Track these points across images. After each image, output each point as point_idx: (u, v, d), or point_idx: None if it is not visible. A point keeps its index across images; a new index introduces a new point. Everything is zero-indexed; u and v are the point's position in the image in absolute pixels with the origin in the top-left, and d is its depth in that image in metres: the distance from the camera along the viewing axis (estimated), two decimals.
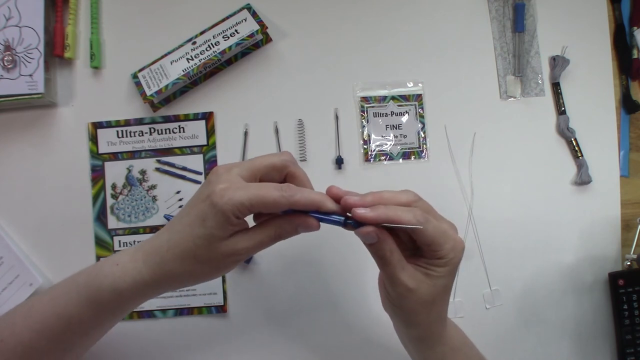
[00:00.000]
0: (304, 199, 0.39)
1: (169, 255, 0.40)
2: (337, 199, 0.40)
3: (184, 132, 0.65)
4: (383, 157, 0.65)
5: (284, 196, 0.38)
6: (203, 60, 0.63)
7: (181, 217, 0.41)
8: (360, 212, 0.38)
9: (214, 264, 0.40)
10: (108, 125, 0.65)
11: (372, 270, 0.43)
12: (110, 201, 0.65)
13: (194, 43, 0.64)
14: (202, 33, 0.64)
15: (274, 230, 0.40)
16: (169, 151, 0.65)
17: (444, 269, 0.41)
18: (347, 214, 0.40)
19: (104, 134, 0.65)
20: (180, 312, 0.64)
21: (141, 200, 0.65)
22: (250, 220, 0.42)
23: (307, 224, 0.40)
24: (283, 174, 0.42)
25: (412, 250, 0.43)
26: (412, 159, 0.65)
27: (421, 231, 0.39)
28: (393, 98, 0.66)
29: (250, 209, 0.38)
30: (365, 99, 0.66)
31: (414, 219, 0.38)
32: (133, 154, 0.65)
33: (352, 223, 0.40)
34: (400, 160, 0.65)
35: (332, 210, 0.40)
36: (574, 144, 0.65)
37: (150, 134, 0.65)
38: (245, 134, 0.66)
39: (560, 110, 0.66)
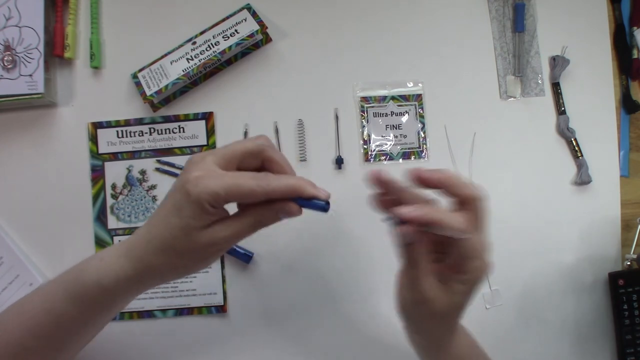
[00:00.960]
0: (281, 186, 0.37)
1: (150, 248, 0.39)
2: (430, 182, 0.37)
3: (184, 132, 0.65)
4: (383, 157, 0.65)
5: (260, 185, 0.37)
6: (203, 60, 0.63)
7: (159, 209, 0.40)
8: (405, 210, 0.35)
9: (195, 255, 0.39)
10: (108, 125, 0.65)
11: (372, 271, 0.43)
12: (110, 201, 0.65)
13: (194, 43, 0.64)
14: (202, 33, 0.64)
15: (254, 218, 0.39)
16: (169, 151, 0.65)
17: (463, 287, 0.39)
18: (328, 201, 0.39)
19: (104, 134, 0.65)
20: (180, 312, 0.64)
21: (141, 200, 0.65)
22: (233, 208, 0.41)
23: (288, 209, 0.38)
24: (260, 159, 0.40)
25: (436, 257, 0.41)
26: (412, 159, 0.65)
27: (460, 239, 0.37)
28: (393, 98, 0.66)
29: (226, 198, 0.37)
30: (365, 99, 0.66)
31: (462, 226, 0.36)
32: (133, 154, 0.65)
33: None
34: (400, 160, 0.65)
35: (313, 194, 0.38)
36: (574, 144, 0.65)
37: (150, 134, 0.65)
38: (245, 134, 0.66)
39: (560, 110, 0.66)
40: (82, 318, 0.43)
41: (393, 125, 0.66)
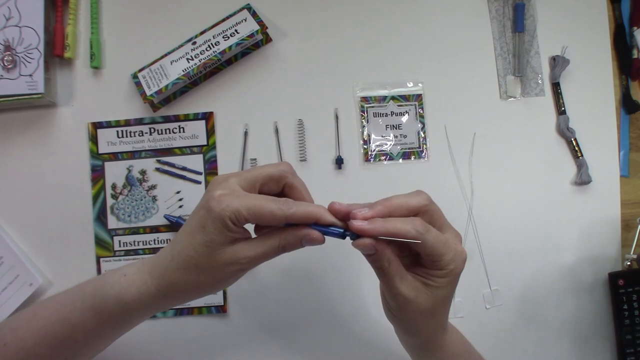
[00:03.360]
0: (300, 211, 0.38)
1: (173, 265, 0.40)
2: (339, 215, 0.39)
3: (184, 132, 0.65)
4: (383, 157, 0.65)
5: (281, 209, 0.38)
6: (203, 60, 0.63)
7: (183, 227, 0.41)
8: (358, 224, 0.38)
9: (217, 273, 0.40)
10: (108, 125, 0.65)
11: (372, 271, 0.43)
12: (110, 201, 0.65)
13: (194, 43, 0.64)
14: (202, 33, 0.64)
15: (278, 242, 0.40)
16: (169, 151, 0.65)
17: (444, 280, 0.40)
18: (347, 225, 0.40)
19: (104, 134, 0.65)
20: (180, 312, 0.64)
21: (141, 200, 0.65)
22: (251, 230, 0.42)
23: (312, 237, 0.39)
24: (281, 184, 0.42)
25: (412, 259, 0.42)
26: (412, 159, 0.65)
27: (421, 244, 0.38)
28: (393, 98, 0.66)
29: (247, 217, 0.38)
30: (365, 99, 0.66)
31: (412, 231, 0.37)
32: (133, 154, 0.65)
33: (351, 235, 0.39)
34: (400, 160, 0.65)
35: (331, 222, 0.39)
36: (574, 144, 0.65)
37: (150, 134, 0.65)
38: (245, 134, 0.66)
39: (560, 110, 0.66)
40: (98, 331, 0.43)
41: (393, 125, 0.66)
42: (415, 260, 0.42)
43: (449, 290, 0.41)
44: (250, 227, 0.41)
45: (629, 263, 0.64)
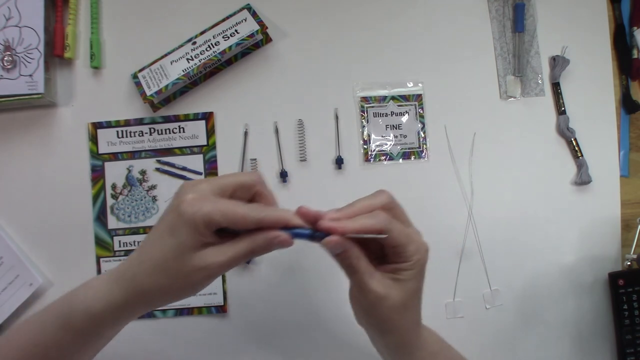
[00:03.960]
0: (271, 215, 0.39)
1: (141, 270, 0.40)
2: (307, 218, 0.40)
3: (184, 132, 0.65)
4: (383, 157, 0.65)
5: (253, 213, 0.38)
6: (203, 61, 0.63)
7: (152, 231, 0.40)
8: (326, 224, 0.39)
9: (186, 278, 0.39)
10: (108, 125, 0.65)
11: None
12: (110, 201, 0.65)
13: (194, 43, 0.64)
14: (202, 33, 0.64)
15: (248, 245, 0.39)
16: (169, 151, 0.65)
17: (411, 272, 0.41)
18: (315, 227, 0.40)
19: (104, 134, 0.65)
20: (180, 312, 0.64)
21: (141, 200, 0.65)
22: None
23: (281, 239, 0.39)
24: (251, 192, 0.42)
25: (379, 257, 0.43)
26: (412, 159, 0.65)
27: (387, 235, 0.39)
28: (393, 98, 0.66)
29: (220, 221, 0.37)
30: (365, 99, 0.66)
31: (377, 224, 0.39)
32: (133, 154, 0.65)
33: (319, 235, 0.40)
34: (400, 160, 0.65)
35: (299, 224, 0.39)
36: (574, 144, 0.65)
37: (150, 134, 0.65)
38: (245, 134, 0.66)
39: (560, 110, 0.66)
40: (71, 348, 0.43)
41: (393, 125, 0.66)
42: (381, 260, 0.43)
43: (418, 283, 0.42)
44: None
45: (629, 263, 0.64)
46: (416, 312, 0.44)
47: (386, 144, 0.66)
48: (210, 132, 0.65)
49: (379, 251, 0.42)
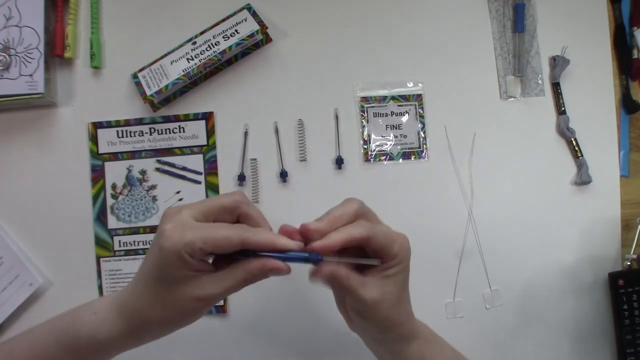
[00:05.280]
0: (256, 236, 0.38)
1: (138, 304, 0.39)
2: (291, 235, 0.39)
3: (184, 132, 0.65)
4: (383, 157, 0.65)
5: (235, 233, 0.37)
6: (203, 60, 0.63)
7: (144, 262, 0.40)
8: (318, 244, 0.39)
9: (184, 309, 0.39)
10: (108, 125, 0.65)
11: None
12: (110, 201, 0.65)
13: (194, 43, 0.64)
14: (202, 33, 0.64)
15: (243, 275, 0.39)
16: (169, 151, 0.65)
17: (398, 267, 0.41)
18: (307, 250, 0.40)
19: (104, 134, 0.65)
20: None
21: (141, 200, 0.65)
22: None
23: (277, 267, 0.39)
24: (235, 214, 0.41)
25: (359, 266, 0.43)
26: (412, 159, 0.65)
27: (372, 240, 0.39)
28: (393, 98, 0.66)
29: (203, 247, 0.36)
30: (365, 99, 0.66)
31: (364, 231, 0.39)
32: (133, 154, 0.65)
33: (314, 257, 0.39)
34: (400, 160, 0.65)
35: (288, 246, 0.39)
36: (574, 144, 0.65)
37: (150, 134, 0.65)
38: (245, 134, 0.66)
39: (560, 110, 0.66)
40: None
41: (393, 125, 0.66)
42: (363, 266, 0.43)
43: (406, 274, 0.43)
44: None
45: (629, 263, 0.64)
46: (409, 302, 0.45)
47: (386, 144, 0.66)
48: (210, 132, 0.65)
49: (361, 253, 0.42)
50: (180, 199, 0.65)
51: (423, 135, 0.66)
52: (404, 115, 0.66)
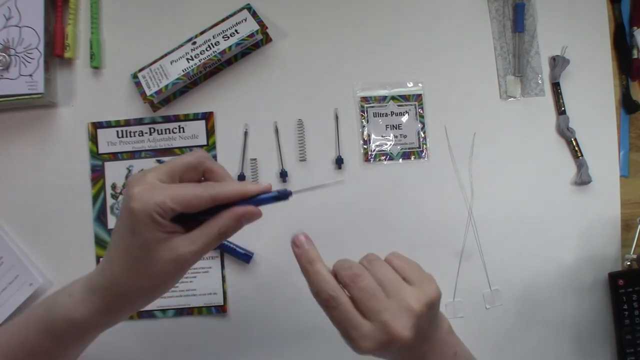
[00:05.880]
0: (226, 189, 0.38)
1: (114, 276, 0.39)
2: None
3: (184, 132, 0.65)
4: (383, 157, 0.65)
5: (205, 190, 0.37)
6: (203, 60, 0.63)
7: (114, 233, 0.40)
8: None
9: (160, 275, 0.38)
10: (108, 125, 0.65)
11: None
12: (110, 201, 0.65)
13: (194, 43, 0.64)
14: (202, 33, 0.64)
15: (217, 228, 0.39)
16: (169, 151, 0.65)
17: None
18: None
19: (104, 134, 0.65)
20: (180, 312, 0.64)
21: None
22: None
23: (249, 212, 0.38)
24: (200, 171, 0.41)
25: None
26: (412, 159, 0.65)
27: None
28: (393, 98, 0.66)
29: (173, 207, 0.36)
30: (365, 99, 0.66)
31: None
32: (133, 154, 0.65)
33: (284, 192, 0.40)
34: (400, 160, 0.65)
35: (259, 189, 0.39)
36: (574, 144, 0.65)
37: (150, 134, 0.65)
38: (245, 134, 0.66)
39: (560, 110, 0.66)
40: (56, 351, 0.43)
41: (393, 125, 0.66)
42: None
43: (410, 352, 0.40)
44: None
45: (629, 263, 0.64)
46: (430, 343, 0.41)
47: (386, 144, 0.65)
48: (210, 132, 0.65)
49: None
50: None
51: (423, 135, 0.66)
52: (404, 115, 0.66)
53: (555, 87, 0.66)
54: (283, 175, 0.64)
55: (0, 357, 0.43)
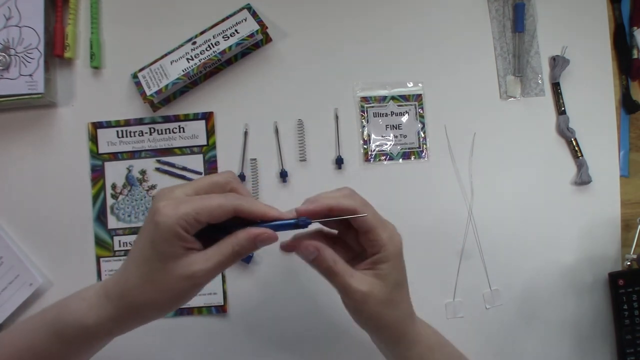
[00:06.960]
0: (249, 203, 0.39)
1: (128, 286, 0.39)
2: (282, 215, 0.41)
3: (184, 132, 0.65)
4: (383, 157, 0.65)
5: (228, 200, 0.38)
6: (203, 60, 0.63)
7: (135, 244, 0.40)
8: (304, 207, 0.40)
9: (174, 290, 0.39)
10: (108, 125, 0.65)
11: None
12: (110, 201, 0.65)
13: (194, 43, 0.64)
14: (202, 33, 0.64)
15: (232, 247, 0.39)
16: (169, 151, 0.65)
17: (388, 264, 0.41)
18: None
19: (104, 134, 0.65)
20: (180, 312, 0.64)
21: (141, 200, 0.65)
22: None
23: (266, 235, 0.39)
24: (226, 190, 0.42)
25: (354, 258, 0.43)
26: (412, 159, 0.65)
27: (363, 220, 0.40)
28: (393, 98, 0.66)
29: (198, 218, 0.37)
30: (365, 99, 0.66)
31: (354, 204, 0.40)
32: (133, 154, 0.65)
33: (303, 221, 0.40)
34: (400, 160, 0.65)
35: (279, 216, 0.40)
36: (574, 144, 0.65)
37: (150, 134, 0.65)
38: (245, 134, 0.66)
39: (560, 110, 0.66)
40: (62, 356, 0.43)
41: (393, 125, 0.66)
42: (356, 260, 0.43)
43: (399, 274, 0.43)
44: None
45: (629, 263, 0.64)
46: (406, 305, 0.44)
47: (386, 144, 0.66)
48: (210, 132, 0.65)
49: (353, 252, 0.43)
50: None
51: (423, 135, 0.66)
52: (404, 115, 0.66)
53: (555, 87, 0.66)
54: (283, 175, 0.64)
55: (7, 358, 0.43)
